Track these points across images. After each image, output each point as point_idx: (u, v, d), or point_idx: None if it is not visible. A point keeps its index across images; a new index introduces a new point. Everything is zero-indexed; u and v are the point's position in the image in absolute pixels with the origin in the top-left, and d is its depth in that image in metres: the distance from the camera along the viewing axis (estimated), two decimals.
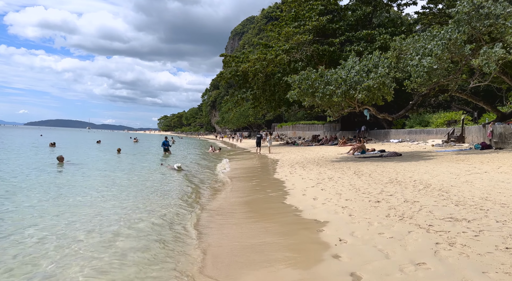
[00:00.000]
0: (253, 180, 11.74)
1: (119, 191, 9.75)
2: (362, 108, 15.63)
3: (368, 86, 13.23)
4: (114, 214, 7.00)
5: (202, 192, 10.05)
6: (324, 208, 6.40)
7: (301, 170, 12.94)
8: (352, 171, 11.51)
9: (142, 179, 12.14)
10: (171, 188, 10.55)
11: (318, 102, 14.56)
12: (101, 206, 7.78)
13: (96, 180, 11.79)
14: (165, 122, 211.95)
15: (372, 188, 8.03)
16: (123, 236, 5.51)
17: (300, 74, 15.04)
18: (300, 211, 6.39)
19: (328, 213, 5.96)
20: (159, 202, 8.29)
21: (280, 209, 6.72)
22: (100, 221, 6.41)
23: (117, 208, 7.61)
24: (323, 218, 5.72)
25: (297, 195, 7.93)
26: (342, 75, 14.09)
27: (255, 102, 37.06)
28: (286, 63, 31.87)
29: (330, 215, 5.82)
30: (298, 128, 55.88)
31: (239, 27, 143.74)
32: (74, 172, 13.59)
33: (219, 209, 7.49)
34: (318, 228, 5.18)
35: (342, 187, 8.41)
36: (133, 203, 8.17)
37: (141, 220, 6.51)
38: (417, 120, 29.81)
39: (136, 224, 6.19)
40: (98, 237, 5.41)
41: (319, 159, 17.22)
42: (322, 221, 5.56)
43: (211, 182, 12.09)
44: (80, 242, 5.19)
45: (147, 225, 6.14)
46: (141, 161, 19.26)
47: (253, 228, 5.67)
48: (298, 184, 9.51)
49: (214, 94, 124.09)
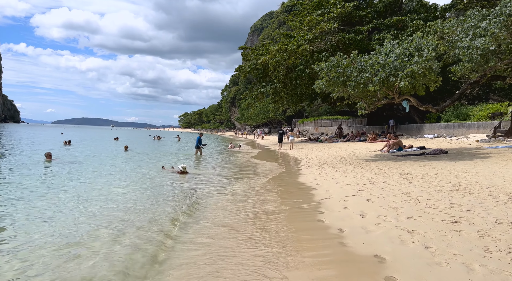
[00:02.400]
0: (277, 183, 9.94)
1: (84, 207, 7.07)
2: (401, 99, 13.54)
3: (412, 71, 11.15)
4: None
5: (203, 203, 8.01)
6: (381, 232, 4.54)
7: (333, 171, 11.05)
8: (396, 173, 9.54)
9: (129, 189, 9.22)
10: (165, 197, 8.29)
11: (350, 92, 12.59)
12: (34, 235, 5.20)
13: (69, 185, 9.60)
14: (185, 119, 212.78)
15: (435, 199, 6.11)
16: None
17: (329, 61, 13.10)
18: (347, 236, 4.56)
19: (391, 242, 4.11)
20: (129, 233, 5.33)
21: (317, 232, 4.89)
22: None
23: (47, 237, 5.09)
24: (385, 252, 3.88)
25: (336, 209, 6.09)
26: (379, 60, 12.06)
27: (275, 96, 35.16)
28: (309, 54, 29.77)
29: (395, 247, 3.98)
30: (321, 123, 53.57)
31: (259, 23, 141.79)
32: (53, 172, 12.04)
33: (229, 225, 5.72)
34: (385, 275, 3.34)
35: (393, 197, 6.51)
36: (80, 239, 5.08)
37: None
38: (454, 113, 27.19)
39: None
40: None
41: (350, 157, 15.24)
42: (387, 258, 3.71)
43: (221, 187, 10.35)
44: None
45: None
46: (146, 162, 16.46)
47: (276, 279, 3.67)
48: (333, 191, 7.65)
49: (233, 90, 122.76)
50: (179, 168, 12.14)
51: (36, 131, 75.19)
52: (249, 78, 79.56)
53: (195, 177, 11.64)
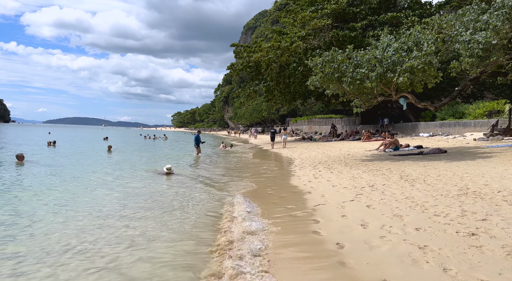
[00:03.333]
0: (267, 187, 9.23)
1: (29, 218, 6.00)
2: (399, 96, 12.92)
3: (412, 67, 10.52)
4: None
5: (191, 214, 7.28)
6: (387, 248, 3.86)
7: (328, 172, 10.38)
8: (396, 174, 8.89)
9: (92, 196, 8.11)
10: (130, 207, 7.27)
11: (346, 89, 11.93)
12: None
13: (33, 190, 8.57)
14: (178, 119, 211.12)
15: (443, 205, 5.45)
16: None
17: (323, 56, 12.43)
18: (348, 254, 3.86)
19: (401, 262, 3.43)
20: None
21: (312, 249, 4.17)
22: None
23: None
24: (396, 276, 3.19)
25: (333, 217, 5.40)
26: (377, 55, 11.41)
27: (268, 95, 34.47)
28: (302, 51, 29.11)
29: (407, 269, 3.29)
30: (314, 122, 53.05)
31: (252, 22, 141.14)
32: (15, 176, 10.88)
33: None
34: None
35: (396, 203, 5.84)
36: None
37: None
38: (449, 112, 26.73)
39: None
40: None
41: (346, 157, 14.60)
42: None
43: (208, 190, 9.61)
44: None
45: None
46: (129, 163, 15.37)
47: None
48: (329, 196, 6.96)
49: (226, 89, 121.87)
50: (164, 170, 11.41)
51: (25, 131, 73.61)
52: (242, 77, 78.70)
53: (179, 180, 10.88)
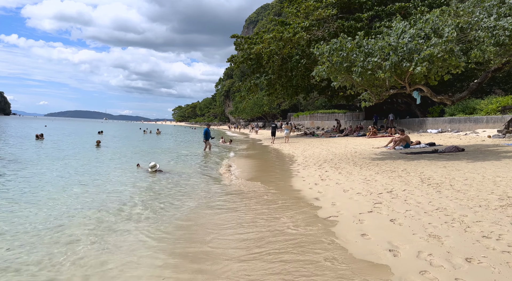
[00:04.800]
0: (267, 190, 8.08)
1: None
2: (413, 88, 11.73)
3: (431, 54, 9.33)
4: None
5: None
6: None
7: (336, 173, 9.24)
8: (415, 177, 7.74)
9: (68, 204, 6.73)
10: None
11: (356, 80, 10.74)
12: None
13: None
14: (179, 113, 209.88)
15: (488, 221, 4.31)
16: None
17: (331, 43, 11.22)
18: None
19: None
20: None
21: None
22: None
23: None
24: None
25: (351, 237, 4.26)
26: (391, 42, 10.20)
27: (269, 89, 33.27)
28: (305, 43, 27.82)
29: None
30: (317, 117, 51.83)
31: (254, 15, 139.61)
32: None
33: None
34: None
35: (427, 216, 4.70)
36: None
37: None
38: (459, 107, 25.50)
39: None
40: None
41: (353, 155, 13.45)
42: None
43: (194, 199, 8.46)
44: None
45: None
46: (116, 161, 13.86)
47: None
48: (342, 204, 5.83)
49: (227, 83, 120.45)
50: (148, 169, 10.28)
51: (23, 123, 72.54)
52: (243, 71, 77.14)
53: (166, 177, 9.75)
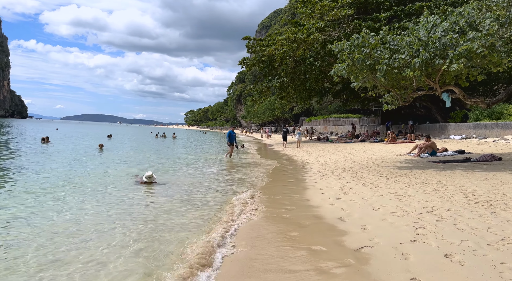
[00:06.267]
0: (278, 205, 6.95)
1: None
2: (443, 89, 10.50)
3: (469, 50, 8.14)
4: None
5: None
6: None
7: (359, 185, 8.07)
8: (456, 192, 6.53)
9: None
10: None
11: (380, 80, 9.58)
12: None
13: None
14: (191, 117, 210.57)
15: None
16: None
17: (351, 39, 10.11)
18: None
19: None
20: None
21: None
22: None
23: None
24: None
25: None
26: (421, 37, 9.04)
27: (282, 92, 32.18)
28: (320, 45, 26.71)
29: None
30: (330, 122, 50.51)
31: (266, 20, 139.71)
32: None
33: None
34: None
35: (493, 251, 3.53)
36: None
37: None
38: (484, 112, 23.99)
39: None
40: None
41: (374, 163, 12.24)
42: None
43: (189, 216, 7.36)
44: None
45: None
46: (111, 166, 12.99)
47: None
48: (374, 229, 4.67)
49: (239, 87, 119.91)
50: (144, 179, 9.24)
51: (37, 126, 73.02)
52: (255, 75, 76.23)
53: (157, 194, 8.71)
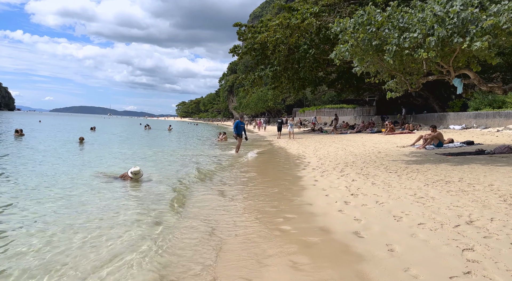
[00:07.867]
0: (275, 210, 5.81)
1: None
2: (457, 74, 9.37)
3: (495, 25, 6.99)
4: None
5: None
6: None
7: (367, 183, 6.92)
8: (487, 193, 5.41)
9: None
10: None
11: (389, 62, 8.38)
12: None
13: None
14: (183, 109, 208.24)
15: None
16: None
17: (355, 16, 8.88)
18: None
19: None
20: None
21: None
22: None
23: None
24: None
25: None
26: (436, 11, 7.84)
27: (275, 82, 30.91)
28: (314, 31, 25.41)
29: None
30: (324, 113, 49.44)
31: (258, 10, 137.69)
32: None
33: None
34: None
35: None
36: None
37: None
38: (485, 101, 23.08)
39: None
40: None
41: (377, 156, 11.12)
42: None
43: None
44: None
45: None
46: (87, 161, 11.83)
47: None
48: (405, 251, 3.52)
49: (231, 78, 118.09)
50: (129, 174, 8.02)
51: (20, 119, 70.62)
52: (247, 65, 74.67)
53: (142, 188, 7.48)
